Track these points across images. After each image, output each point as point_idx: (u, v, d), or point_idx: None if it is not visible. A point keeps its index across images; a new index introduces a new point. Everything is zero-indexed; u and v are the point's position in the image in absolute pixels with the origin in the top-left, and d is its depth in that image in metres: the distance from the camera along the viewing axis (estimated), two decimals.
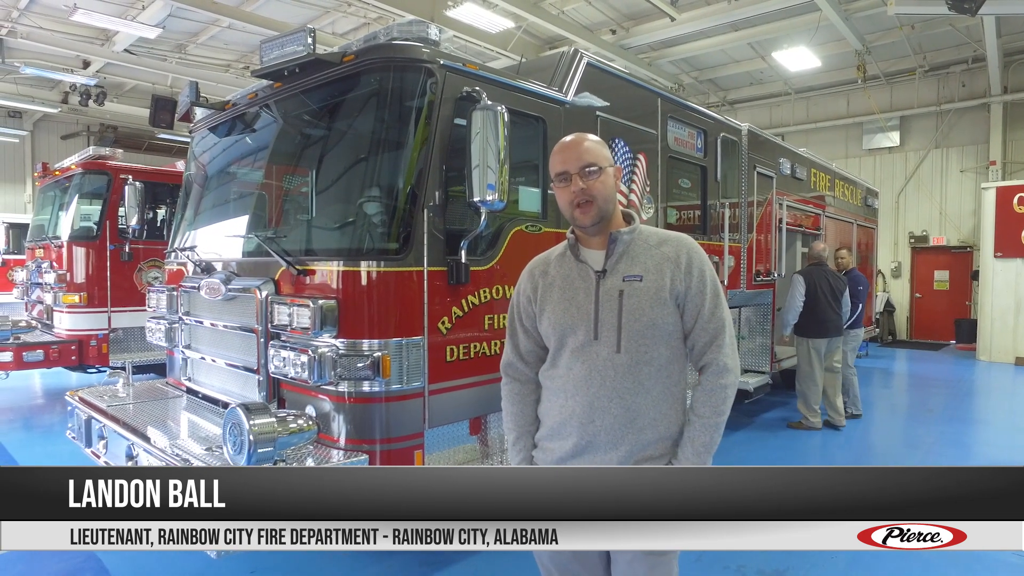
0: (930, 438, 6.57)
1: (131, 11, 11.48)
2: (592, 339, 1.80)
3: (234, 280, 3.64)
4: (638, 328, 1.78)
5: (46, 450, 5.92)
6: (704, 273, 1.83)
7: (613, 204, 1.88)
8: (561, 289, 1.88)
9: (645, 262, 1.83)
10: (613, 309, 1.80)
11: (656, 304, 1.78)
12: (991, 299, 12.24)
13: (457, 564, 3.71)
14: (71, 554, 3.82)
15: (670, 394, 1.83)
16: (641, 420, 1.79)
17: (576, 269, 1.88)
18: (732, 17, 11.47)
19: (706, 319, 1.81)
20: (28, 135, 17.26)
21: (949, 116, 14.63)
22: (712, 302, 1.82)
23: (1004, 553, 3.91)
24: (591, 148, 1.84)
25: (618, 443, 1.79)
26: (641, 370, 1.79)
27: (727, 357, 1.82)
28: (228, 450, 2.68)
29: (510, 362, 2.04)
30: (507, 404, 2.06)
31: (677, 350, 1.85)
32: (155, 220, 7.99)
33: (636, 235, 1.87)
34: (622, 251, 1.84)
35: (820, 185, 8.57)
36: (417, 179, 3.20)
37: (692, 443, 1.79)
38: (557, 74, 4.12)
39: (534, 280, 1.96)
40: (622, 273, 1.82)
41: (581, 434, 1.82)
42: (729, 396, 1.82)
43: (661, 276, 1.80)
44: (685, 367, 1.88)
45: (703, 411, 1.80)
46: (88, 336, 7.24)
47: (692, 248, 1.86)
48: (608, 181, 1.84)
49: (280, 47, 3.36)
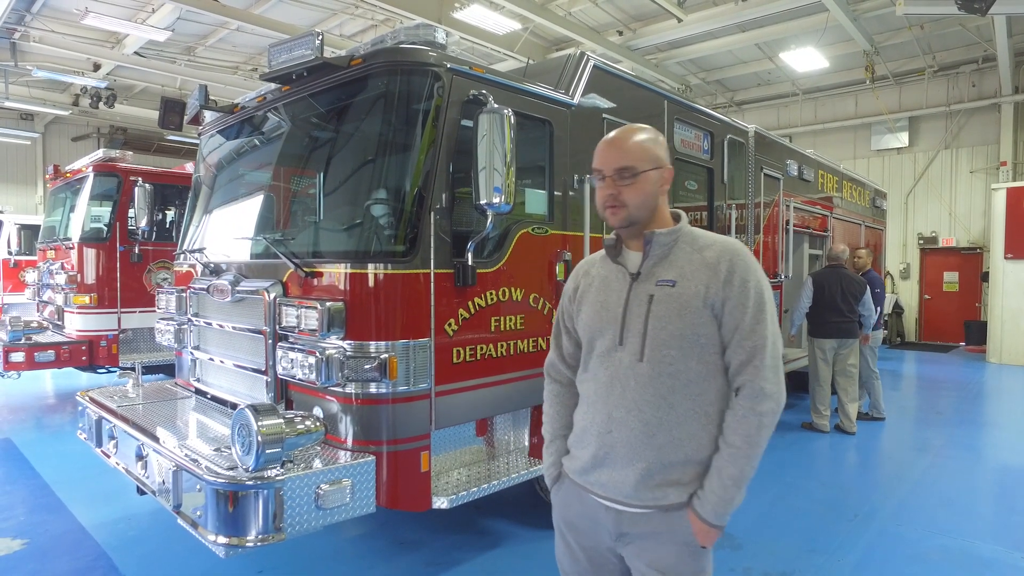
0: (939, 441, 6.52)
1: (141, 14, 11.59)
2: (617, 344, 1.70)
3: (242, 282, 3.67)
4: (663, 337, 1.64)
5: (57, 450, 5.98)
6: (747, 283, 1.64)
7: (650, 210, 1.73)
8: (597, 290, 1.80)
9: (682, 266, 1.68)
10: (641, 315, 1.68)
11: (686, 312, 1.63)
12: (1001, 301, 12.14)
13: (462, 566, 3.72)
14: (82, 552, 3.86)
15: (703, 414, 1.65)
16: (661, 437, 1.64)
17: (614, 271, 1.79)
18: (739, 18, 11.44)
19: (744, 334, 1.63)
20: (40, 137, 17.42)
21: (959, 116, 14.52)
22: (754, 316, 1.63)
23: (1013, 556, 3.88)
24: (632, 149, 1.70)
25: (634, 459, 1.66)
26: (664, 383, 1.64)
27: (766, 380, 1.61)
28: (236, 451, 2.70)
29: (552, 362, 1.99)
30: (546, 405, 2.00)
31: (714, 366, 1.67)
32: (164, 221, 8.05)
33: (679, 237, 1.73)
34: (660, 254, 1.71)
35: (827, 186, 8.54)
36: (424, 182, 3.22)
37: (719, 474, 1.62)
38: (563, 77, 4.13)
39: (577, 279, 1.90)
40: (656, 277, 1.70)
41: (599, 444, 1.72)
42: (765, 425, 1.62)
43: (696, 283, 1.65)
44: (725, 385, 1.70)
45: (733, 439, 1.62)
46: (98, 337, 7.30)
47: (737, 254, 1.68)
48: (645, 186, 1.70)
49: (288, 51, 3.38)
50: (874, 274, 7.58)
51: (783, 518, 4.48)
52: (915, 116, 15.00)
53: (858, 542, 4.09)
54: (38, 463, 5.58)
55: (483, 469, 3.63)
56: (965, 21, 11.70)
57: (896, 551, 3.97)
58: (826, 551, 3.94)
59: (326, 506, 2.81)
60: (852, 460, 6.06)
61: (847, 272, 6.80)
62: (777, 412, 1.63)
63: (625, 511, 1.68)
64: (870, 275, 7.43)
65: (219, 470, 2.75)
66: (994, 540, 4.14)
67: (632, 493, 1.66)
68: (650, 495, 1.65)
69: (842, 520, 4.42)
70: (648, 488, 1.65)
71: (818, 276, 6.76)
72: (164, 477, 3.05)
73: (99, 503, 4.63)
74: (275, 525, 2.67)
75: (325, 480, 2.83)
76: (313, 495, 2.78)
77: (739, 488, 1.61)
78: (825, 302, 6.58)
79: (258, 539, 2.65)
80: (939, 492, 5.04)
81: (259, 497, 2.64)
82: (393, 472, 3.10)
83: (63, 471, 5.34)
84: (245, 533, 2.64)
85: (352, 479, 2.93)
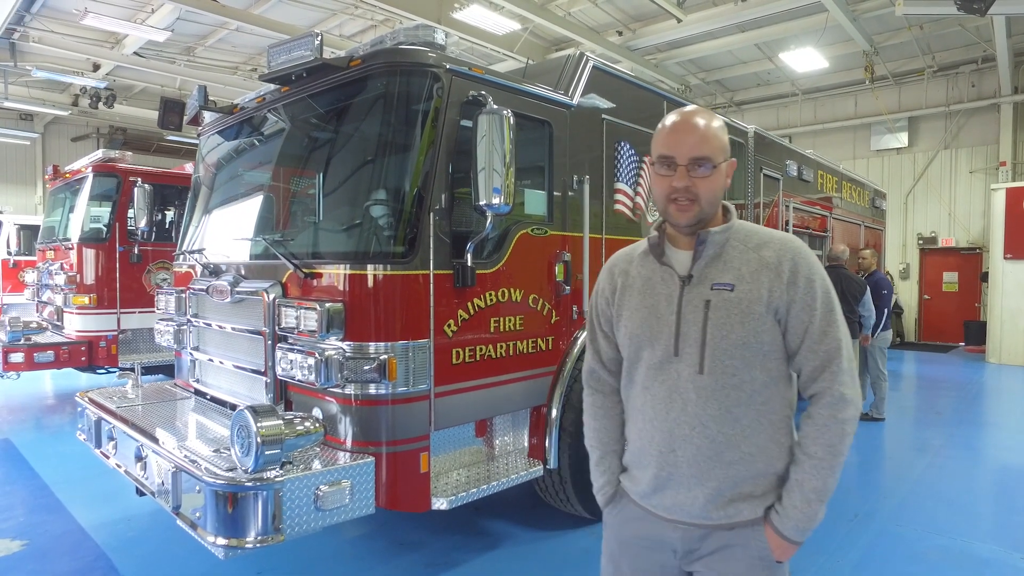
0: (938, 441, 6.53)
1: (140, 15, 11.59)
2: (672, 356, 1.55)
3: (242, 283, 3.67)
4: (725, 346, 1.51)
5: (56, 450, 5.98)
6: (813, 283, 1.51)
7: (717, 206, 1.58)
8: (641, 294, 1.63)
9: (739, 268, 1.54)
10: (697, 322, 1.53)
11: (748, 319, 1.50)
12: (1001, 301, 12.15)
13: (461, 566, 3.72)
14: (81, 553, 3.86)
15: (768, 424, 1.54)
16: (730, 453, 1.52)
17: (659, 272, 1.62)
18: (739, 18, 11.44)
19: (816, 339, 1.50)
20: (39, 137, 17.42)
21: (958, 117, 14.53)
22: (824, 319, 1.51)
23: (1012, 556, 3.88)
24: (710, 137, 1.52)
25: (703, 479, 1.53)
26: (729, 395, 1.51)
27: (844, 386, 1.50)
28: (236, 452, 2.70)
29: (592, 370, 1.82)
30: (588, 419, 1.82)
31: (776, 373, 1.55)
32: (164, 222, 8.05)
33: (732, 234, 1.58)
34: (712, 253, 1.56)
35: (827, 187, 8.53)
36: (423, 183, 3.22)
37: (800, 487, 1.49)
38: (563, 77, 4.13)
39: (613, 280, 1.72)
40: (711, 280, 1.55)
41: (660, 465, 1.58)
42: (848, 433, 1.50)
43: (757, 286, 1.51)
44: (789, 391, 1.59)
45: (814, 450, 1.49)
46: (97, 337, 7.30)
47: (799, 253, 1.54)
48: (719, 180, 1.54)
49: (287, 52, 3.38)
50: (881, 276, 7.55)
51: None
52: (914, 116, 15.00)
53: (858, 542, 4.09)
54: (37, 464, 5.58)
55: (482, 470, 3.63)
56: (964, 21, 11.70)
57: (896, 551, 3.97)
58: (826, 551, 3.94)
59: (325, 507, 2.81)
60: (852, 460, 6.06)
61: (847, 272, 6.80)
62: (857, 418, 1.53)
63: (694, 528, 1.57)
64: (877, 277, 7.41)
65: (218, 471, 2.75)
66: (993, 540, 4.14)
67: (701, 513, 1.55)
68: (722, 513, 1.54)
69: (842, 520, 4.42)
70: (719, 506, 1.54)
71: None
72: (163, 478, 3.05)
73: (98, 504, 4.63)
74: (274, 526, 2.67)
75: (324, 481, 2.83)
76: (312, 496, 2.78)
77: (822, 502, 1.50)
78: None
79: (257, 540, 2.65)
80: (939, 492, 5.04)
81: (258, 498, 2.64)
82: (392, 473, 3.10)
83: (62, 472, 5.34)
84: (244, 534, 2.64)
85: (351, 480, 2.93)
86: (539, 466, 3.78)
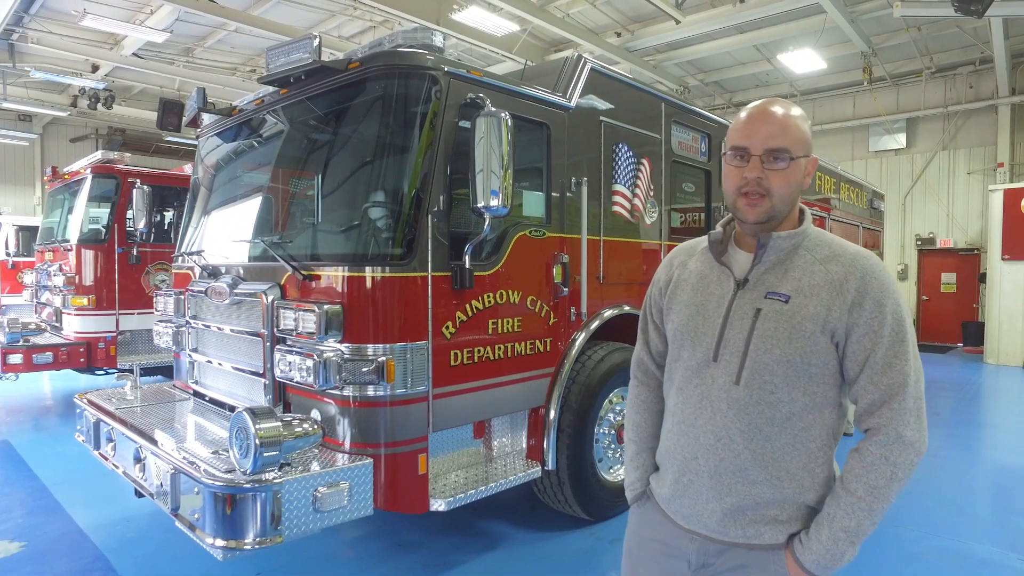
0: (937, 442, 6.54)
1: (139, 16, 11.59)
2: (710, 360, 1.47)
3: (240, 284, 3.68)
4: (767, 361, 1.40)
5: (55, 451, 5.98)
6: (883, 307, 1.36)
7: (791, 205, 1.48)
8: (693, 290, 1.56)
9: (800, 279, 1.42)
10: (743, 330, 1.43)
11: (797, 336, 1.38)
12: (998, 302, 12.16)
13: (460, 567, 3.73)
14: (80, 555, 3.86)
15: (805, 451, 1.43)
16: (756, 472, 1.42)
17: (716, 271, 1.54)
18: (738, 19, 11.44)
19: (878, 370, 1.36)
20: (38, 138, 17.42)
21: (956, 118, 14.55)
22: (891, 348, 1.36)
23: (1008, 557, 3.90)
24: (788, 128, 1.42)
25: (723, 493, 1.44)
26: (762, 412, 1.41)
27: (906, 427, 1.35)
28: (234, 454, 2.71)
29: (640, 360, 1.75)
30: (630, 411, 1.76)
31: (822, 399, 1.43)
32: (163, 223, 8.05)
33: (802, 241, 1.47)
34: (775, 259, 1.46)
35: (825, 188, 8.55)
36: (421, 185, 3.22)
37: (831, 523, 1.37)
38: (561, 79, 4.14)
39: (671, 270, 1.65)
40: (767, 287, 1.44)
41: (681, 471, 1.52)
42: (899, 478, 1.35)
43: (815, 303, 1.39)
44: (836, 420, 1.48)
45: (855, 487, 1.37)
46: (96, 338, 7.29)
47: (871, 272, 1.39)
48: (795, 176, 1.44)
49: (286, 54, 3.39)
50: None
51: None
52: (913, 117, 15.02)
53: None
54: (36, 465, 5.58)
55: (481, 471, 3.63)
56: (962, 23, 11.72)
57: (893, 552, 3.98)
58: None
59: (324, 508, 2.82)
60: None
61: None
62: (916, 464, 1.37)
63: (710, 542, 1.49)
64: None
65: (217, 473, 2.76)
66: (991, 541, 4.15)
67: (718, 528, 1.46)
68: (740, 531, 1.45)
69: None
70: (738, 524, 1.45)
71: None
72: (162, 480, 3.05)
73: (97, 505, 4.63)
74: (273, 527, 2.67)
75: (323, 483, 2.83)
76: (311, 498, 2.78)
77: (853, 544, 1.36)
78: None
79: (256, 542, 2.66)
80: (937, 493, 5.05)
81: (257, 500, 2.65)
82: (391, 474, 3.10)
83: (61, 473, 5.34)
84: (243, 536, 2.65)
85: (350, 481, 2.94)
86: (537, 467, 3.79)
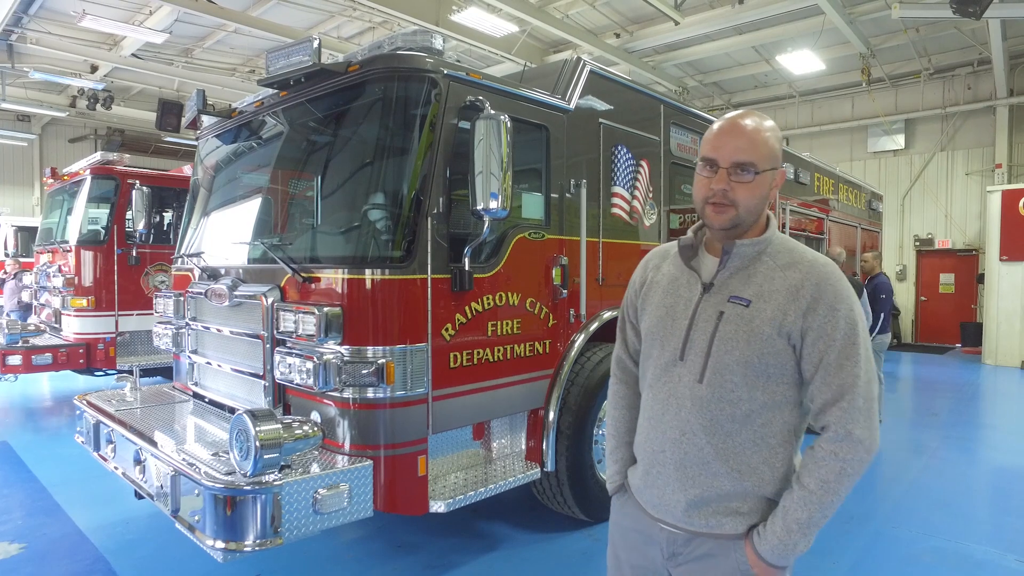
0: (935, 442, 6.56)
1: (138, 16, 11.59)
2: (677, 359, 1.57)
3: (240, 286, 3.68)
4: (728, 361, 1.49)
5: (54, 453, 5.98)
6: (836, 312, 1.44)
7: (757, 215, 1.55)
8: (664, 292, 1.65)
9: (761, 284, 1.51)
10: (707, 332, 1.52)
11: (755, 339, 1.47)
12: (997, 302, 12.19)
13: (459, 568, 3.74)
14: (80, 556, 3.87)
15: (766, 447, 1.51)
16: (716, 466, 1.51)
17: (685, 274, 1.62)
18: (736, 21, 11.47)
19: (830, 370, 1.44)
20: (36, 139, 17.40)
21: (954, 119, 14.58)
22: (843, 351, 1.43)
23: (1006, 558, 3.91)
24: (756, 142, 1.49)
25: (686, 484, 1.54)
26: (723, 410, 1.50)
27: (855, 424, 1.42)
28: (234, 455, 2.72)
29: (619, 358, 1.85)
30: (610, 407, 1.86)
31: (782, 398, 1.51)
32: (162, 224, 8.05)
33: (765, 248, 1.55)
34: (738, 265, 1.54)
35: (824, 189, 8.57)
36: (421, 187, 3.23)
37: (785, 515, 1.45)
38: (560, 81, 4.15)
39: (645, 272, 1.75)
40: (730, 292, 1.53)
41: (650, 463, 1.62)
42: (848, 473, 1.42)
43: (772, 307, 1.47)
44: (796, 418, 1.54)
45: (807, 481, 1.44)
46: (95, 339, 7.29)
47: (825, 279, 1.48)
48: (760, 189, 1.50)
49: (286, 57, 3.40)
50: (883, 279, 7.46)
51: None
52: (911, 118, 15.05)
53: (854, 544, 4.12)
54: (36, 466, 5.58)
55: (480, 473, 3.64)
56: (960, 24, 11.74)
57: (891, 553, 4.00)
58: (821, 553, 3.96)
59: (324, 510, 2.83)
60: None
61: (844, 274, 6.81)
62: (866, 461, 1.44)
63: (678, 532, 1.58)
64: (879, 280, 7.39)
65: (217, 475, 2.76)
66: (988, 542, 4.16)
67: (683, 518, 1.56)
68: (703, 522, 1.54)
69: (837, 522, 4.44)
70: (702, 515, 1.54)
71: None
72: (162, 481, 3.06)
73: (97, 507, 4.63)
74: (273, 529, 2.68)
75: (323, 484, 2.84)
76: (311, 499, 2.79)
77: (804, 535, 1.44)
78: None
79: (256, 543, 2.66)
80: (934, 494, 5.07)
81: (257, 502, 2.65)
82: (390, 476, 3.11)
83: (61, 474, 5.34)
84: (243, 537, 2.66)
85: (350, 483, 2.94)
86: (536, 469, 3.80)
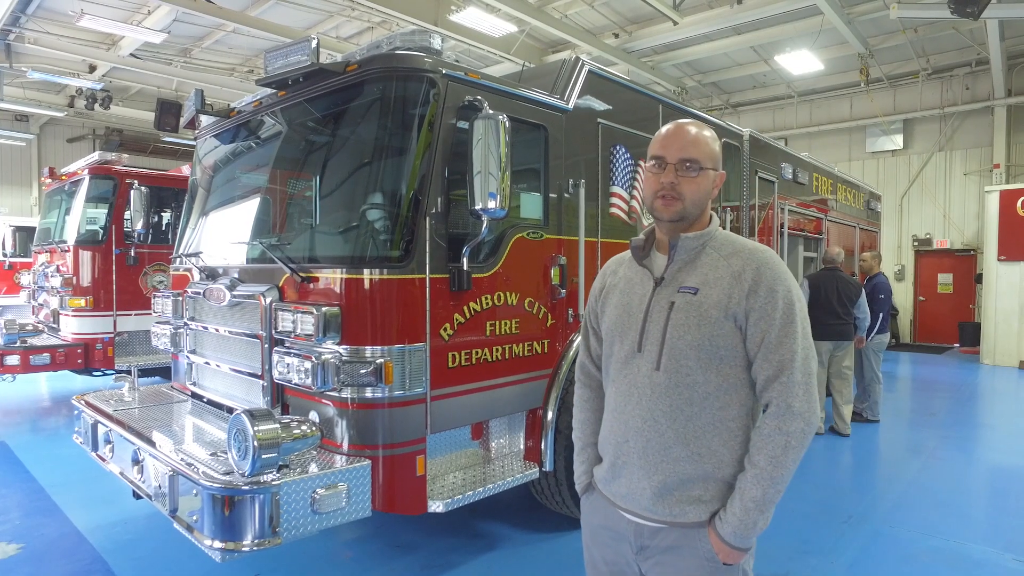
0: (932, 442, 6.56)
1: (137, 16, 11.58)
2: (635, 352, 1.66)
3: (239, 286, 3.68)
4: (682, 347, 1.58)
5: (52, 453, 5.97)
6: (775, 293, 1.55)
7: (702, 209, 1.67)
8: (621, 292, 1.75)
9: (706, 273, 1.62)
10: (660, 321, 1.62)
11: (704, 323, 1.57)
12: (995, 302, 12.21)
13: (458, 568, 3.74)
14: (78, 557, 3.86)
15: (725, 429, 1.59)
16: (677, 451, 1.59)
17: (639, 273, 1.74)
18: (735, 21, 11.48)
19: (771, 348, 1.54)
20: (35, 138, 17.38)
21: (953, 119, 14.61)
22: (782, 329, 1.54)
23: (1003, 557, 3.92)
24: (699, 142, 1.64)
25: (650, 471, 1.61)
26: (681, 394, 1.59)
27: (794, 398, 1.52)
28: (233, 455, 2.71)
29: (582, 364, 1.95)
30: (576, 411, 1.95)
31: (735, 379, 1.59)
32: (160, 224, 8.05)
33: (708, 241, 1.67)
34: (685, 259, 1.66)
35: (822, 189, 8.57)
36: (419, 187, 3.23)
37: (741, 496, 1.53)
38: (558, 81, 4.15)
39: (604, 278, 1.86)
40: (679, 283, 1.64)
41: (616, 453, 1.69)
42: (792, 446, 1.51)
43: (718, 292, 1.58)
44: (751, 400, 1.63)
45: (757, 459, 1.53)
46: (94, 340, 7.28)
47: (764, 263, 1.59)
48: (704, 184, 1.64)
49: (284, 56, 3.39)
50: (882, 279, 7.50)
51: (777, 519, 4.45)
52: (909, 119, 15.07)
53: (852, 543, 4.12)
54: (33, 466, 5.57)
55: (479, 473, 3.64)
56: (958, 25, 11.76)
57: (889, 552, 4.00)
58: (820, 552, 3.96)
59: (322, 510, 2.83)
60: (846, 462, 6.09)
61: (843, 275, 6.83)
62: (808, 433, 1.53)
63: (645, 524, 1.64)
64: (878, 280, 7.41)
65: (215, 475, 2.76)
66: (986, 541, 4.17)
67: (650, 507, 1.62)
68: (668, 511, 1.60)
69: (836, 521, 4.45)
70: (666, 504, 1.60)
71: (814, 279, 6.80)
72: (160, 481, 3.06)
73: (95, 507, 4.63)
74: (271, 529, 2.68)
75: (321, 484, 2.84)
76: (309, 499, 2.79)
77: (762, 512, 1.52)
78: (821, 304, 6.60)
79: (254, 543, 2.66)
80: (932, 493, 5.08)
81: (255, 502, 2.65)
82: (389, 476, 3.11)
83: (59, 474, 5.34)
84: (241, 537, 2.66)
85: (348, 483, 2.94)
86: (535, 468, 3.80)
